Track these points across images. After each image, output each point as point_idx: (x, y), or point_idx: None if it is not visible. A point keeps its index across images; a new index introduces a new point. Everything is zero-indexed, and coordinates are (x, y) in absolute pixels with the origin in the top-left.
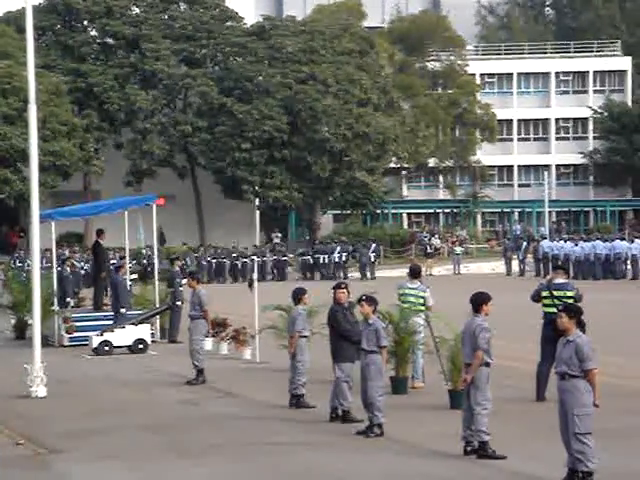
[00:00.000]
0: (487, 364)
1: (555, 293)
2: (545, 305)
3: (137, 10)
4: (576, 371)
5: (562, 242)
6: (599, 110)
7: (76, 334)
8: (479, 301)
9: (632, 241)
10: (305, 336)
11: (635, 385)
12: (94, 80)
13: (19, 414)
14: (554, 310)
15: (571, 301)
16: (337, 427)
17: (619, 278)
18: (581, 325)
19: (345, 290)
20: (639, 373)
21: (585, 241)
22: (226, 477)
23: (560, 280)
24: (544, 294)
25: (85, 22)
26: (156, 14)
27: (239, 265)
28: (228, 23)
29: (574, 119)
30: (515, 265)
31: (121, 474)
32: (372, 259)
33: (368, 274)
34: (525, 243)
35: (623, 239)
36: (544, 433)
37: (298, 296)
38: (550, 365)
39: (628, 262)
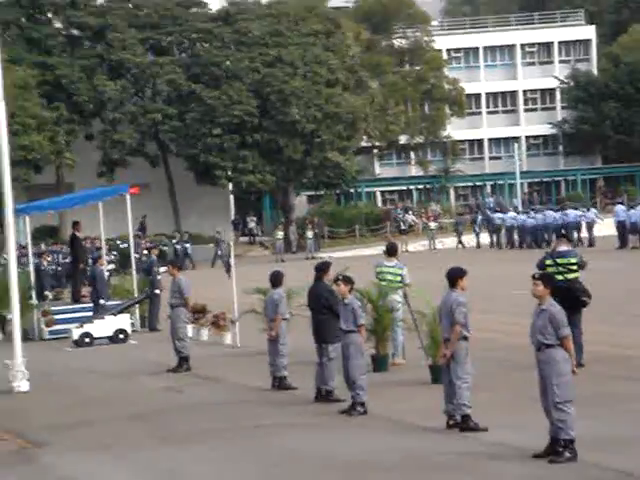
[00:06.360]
0: (465, 338)
1: (559, 261)
2: None
3: (101, 0)
4: (551, 340)
5: (513, 213)
6: (565, 80)
7: (56, 327)
8: (455, 276)
9: (588, 209)
10: (286, 318)
11: (620, 352)
12: (61, 72)
13: (2, 410)
14: (560, 277)
15: (575, 267)
16: (321, 407)
17: (575, 246)
18: (588, 295)
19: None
20: (619, 340)
21: (536, 212)
22: (210, 462)
23: (563, 248)
24: (548, 262)
25: (49, 14)
26: (120, 3)
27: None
28: (193, 9)
29: (541, 90)
30: (486, 237)
31: (106, 464)
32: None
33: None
34: (479, 217)
35: (576, 208)
36: (526, 404)
37: (277, 279)
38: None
39: (582, 229)
